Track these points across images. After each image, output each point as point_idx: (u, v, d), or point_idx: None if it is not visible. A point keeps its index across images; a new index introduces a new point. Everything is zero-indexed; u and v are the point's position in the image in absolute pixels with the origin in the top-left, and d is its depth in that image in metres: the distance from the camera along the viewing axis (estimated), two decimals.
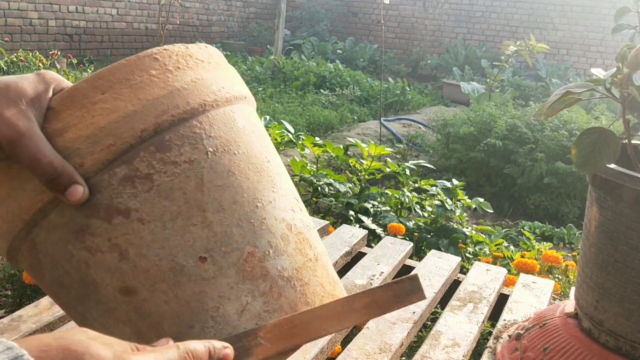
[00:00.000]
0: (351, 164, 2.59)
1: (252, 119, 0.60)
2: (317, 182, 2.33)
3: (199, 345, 0.46)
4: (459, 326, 1.04)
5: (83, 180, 0.50)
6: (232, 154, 0.55)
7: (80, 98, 0.51)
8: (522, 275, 1.32)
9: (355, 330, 1.13)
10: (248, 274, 0.53)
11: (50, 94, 0.52)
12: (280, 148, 2.61)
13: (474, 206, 2.36)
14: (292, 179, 2.48)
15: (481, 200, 2.39)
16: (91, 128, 0.50)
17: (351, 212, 2.19)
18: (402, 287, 0.56)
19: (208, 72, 0.57)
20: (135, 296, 0.51)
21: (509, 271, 1.60)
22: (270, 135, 2.62)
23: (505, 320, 1.10)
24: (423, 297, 0.57)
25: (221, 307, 0.51)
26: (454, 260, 1.33)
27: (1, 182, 0.52)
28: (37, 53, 4.80)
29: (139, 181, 0.51)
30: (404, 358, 1.19)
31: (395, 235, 1.75)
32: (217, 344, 0.48)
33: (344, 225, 1.49)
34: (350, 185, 2.38)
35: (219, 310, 0.51)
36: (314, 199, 2.35)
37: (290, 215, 0.58)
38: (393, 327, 1.01)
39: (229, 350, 0.48)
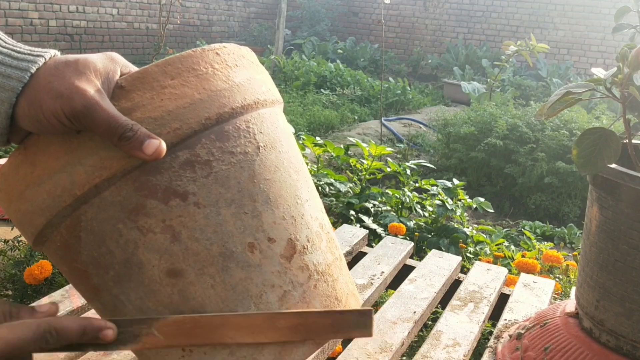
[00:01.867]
0: (352, 164, 2.59)
1: (286, 122, 0.64)
2: (318, 182, 2.33)
3: (71, 324, 0.45)
4: (460, 326, 1.04)
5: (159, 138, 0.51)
6: (278, 152, 0.58)
7: (150, 81, 0.52)
8: (522, 275, 1.32)
9: None
10: (290, 264, 0.55)
11: (119, 74, 0.53)
12: None
13: (474, 206, 2.36)
14: None
15: (482, 200, 2.39)
16: (159, 110, 0.52)
17: (352, 212, 2.19)
18: (344, 317, 0.54)
19: (258, 74, 0.60)
20: (182, 279, 0.52)
21: (510, 271, 1.60)
22: None
23: (506, 319, 1.10)
24: (369, 335, 0.54)
25: (264, 295, 0.53)
26: (455, 260, 1.34)
27: (56, 155, 0.52)
28: None
29: (198, 166, 0.52)
30: (404, 358, 1.19)
31: (396, 235, 1.75)
32: (97, 323, 0.47)
33: (345, 225, 1.49)
34: (351, 185, 2.38)
35: (262, 297, 0.53)
36: None
37: (321, 216, 0.61)
38: (394, 326, 1.01)
39: (111, 331, 0.48)
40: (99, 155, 0.51)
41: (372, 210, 2.23)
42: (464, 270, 1.66)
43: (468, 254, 2.01)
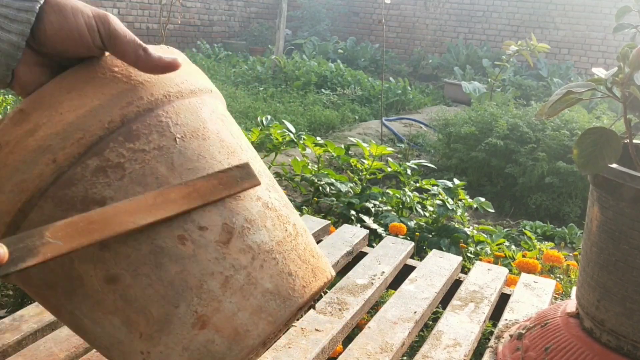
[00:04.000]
0: (352, 164, 2.59)
1: (220, 110, 0.63)
2: (319, 182, 2.33)
3: None
4: (461, 326, 1.04)
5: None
6: (200, 140, 0.57)
7: (47, 98, 0.52)
8: (523, 274, 1.32)
9: (357, 330, 1.13)
10: (228, 249, 0.54)
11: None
12: (282, 148, 2.61)
13: (475, 206, 2.36)
14: (294, 178, 2.49)
15: (482, 199, 2.39)
16: (60, 125, 0.52)
17: (352, 212, 2.19)
18: (229, 174, 0.56)
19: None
20: (120, 283, 0.52)
21: (511, 271, 1.60)
22: (271, 135, 2.62)
23: (506, 319, 1.10)
24: (257, 183, 0.58)
25: (205, 284, 0.53)
26: (455, 260, 1.33)
27: None
28: None
29: (111, 170, 0.52)
30: (405, 358, 1.19)
31: (396, 235, 1.75)
32: None
33: (345, 225, 1.49)
34: (352, 184, 2.38)
35: (203, 287, 0.53)
36: (315, 198, 2.36)
37: (266, 194, 0.60)
38: (394, 326, 1.01)
39: (1, 250, 0.45)
40: (13, 181, 0.51)
41: (372, 210, 2.23)
42: (465, 270, 1.66)
43: (469, 254, 2.01)
